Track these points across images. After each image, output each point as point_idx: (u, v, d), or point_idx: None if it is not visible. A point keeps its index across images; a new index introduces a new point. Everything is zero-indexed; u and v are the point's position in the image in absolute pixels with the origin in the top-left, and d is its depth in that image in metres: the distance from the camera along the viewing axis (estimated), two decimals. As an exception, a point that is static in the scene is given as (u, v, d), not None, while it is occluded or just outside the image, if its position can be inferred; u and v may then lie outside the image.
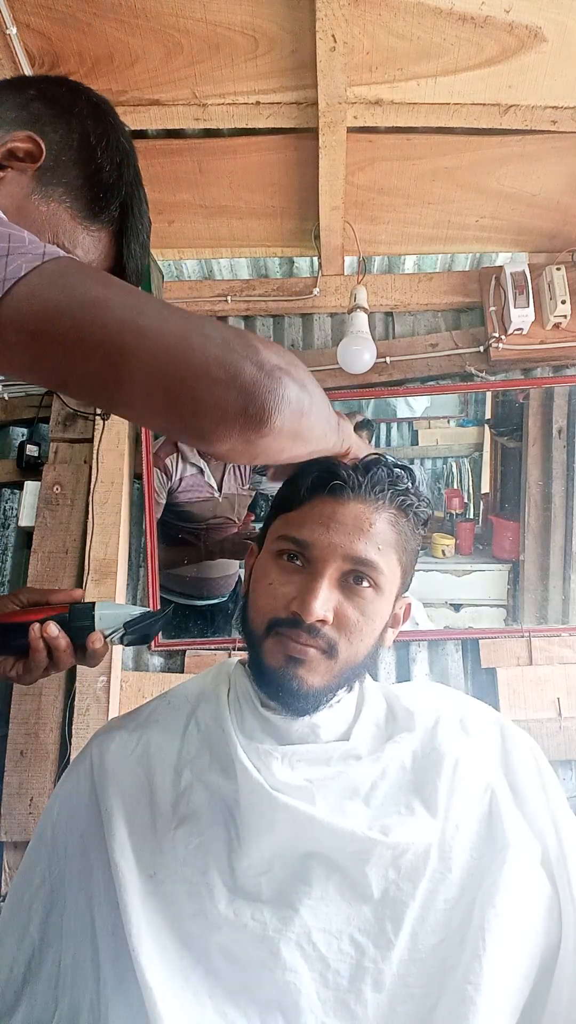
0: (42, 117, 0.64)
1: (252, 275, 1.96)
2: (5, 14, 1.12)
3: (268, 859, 0.67)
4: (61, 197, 0.64)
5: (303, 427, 0.52)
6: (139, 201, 0.70)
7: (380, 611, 0.70)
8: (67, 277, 0.46)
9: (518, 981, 0.63)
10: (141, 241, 0.71)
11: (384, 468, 0.69)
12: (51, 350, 0.46)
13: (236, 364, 0.46)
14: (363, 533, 0.67)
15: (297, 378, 0.50)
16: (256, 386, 0.46)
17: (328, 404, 0.59)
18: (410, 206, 1.64)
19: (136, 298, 0.47)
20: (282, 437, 0.50)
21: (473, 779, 0.71)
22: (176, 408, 0.47)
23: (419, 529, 0.73)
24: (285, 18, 1.14)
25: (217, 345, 0.46)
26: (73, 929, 0.72)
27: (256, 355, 0.47)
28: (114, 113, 0.70)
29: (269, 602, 0.69)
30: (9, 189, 0.62)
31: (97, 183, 0.66)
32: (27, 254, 0.46)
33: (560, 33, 1.16)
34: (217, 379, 0.45)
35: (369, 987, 0.63)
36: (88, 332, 0.45)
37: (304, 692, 0.67)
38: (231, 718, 0.73)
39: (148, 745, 0.76)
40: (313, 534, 0.67)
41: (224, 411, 0.46)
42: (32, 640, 0.66)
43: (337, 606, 0.67)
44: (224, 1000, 0.64)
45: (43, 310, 0.45)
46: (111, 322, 0.45)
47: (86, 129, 0.66)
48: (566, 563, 1.67)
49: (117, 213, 0.68)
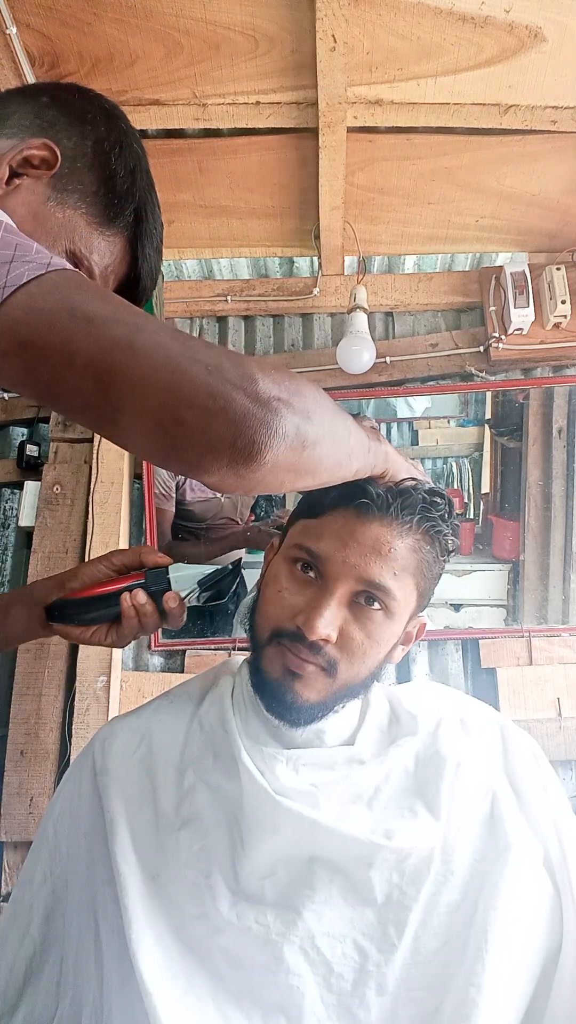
0: (56, 124, 0.65)
1: (252, 275, 1.96)
2: (5, 14, 1.12)
3: (271, 862, 0.67)
4: (76, 203, 0.64)
5: (304, 460, 0.49)
6: (152, 206, 0.71)
7: (388, 635, 0.68)
8: (65, 290, 0.45)
9: (520, 983, 0.63)
10: (155, 245, 0.72)
11: (419, 494, 0.66)
12: (42, 362, 0.45)
13: (227, 394, 0.44)
14: (380, 556, 0.65)
15: (300, 409, 0.47)
16: (247, 418, 0.44)
17: (350, 430, 0.56)
18: (410, 206, 1.64)
19: (133, 317, 0.45)
20: (278, 471, 0.47)
21: (475, 781, 0.70)
22: (163, 435, 0.45)
23: (443, 557, 0.70)
24: (285, 18, 1.14)
25: (209, 372, 0.44)
26: (75, 929, 0.72)
27: (251, 385, 0.45)
28: (126, 119, 0.70)
29: (276, 610, 0.68)
30: (25, 196, 0.62)
31: (112, 189, 0.66)
32: (31, 263, 0.45)
33: (560, 33, 1.16)
34: (205, 408, 0.43)
35: (372, 991, 0.63)
36: (79, 347, 0.44)
37: (298, 706, 0.66)
38: (235, 720, 0.73)
39: (151, 745, 0.76)
40: (329, 549, 0.65)
41: (211, 443, 0.44)
42: (124, 608, 0.70)
43: (343, 625, 0.66)
44: (227, 1003, 0.64)
45: (36, 320, 0.44)
46: (104, 339, 0.44)
47: (100, 135, 0.66)
48: (566, 563, 1.68)
49: (131, 218, 0.68)
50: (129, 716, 0.81)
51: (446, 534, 0.69)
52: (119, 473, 1.70)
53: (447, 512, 0.68)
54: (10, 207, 0.61)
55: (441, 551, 0.70)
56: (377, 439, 0.62)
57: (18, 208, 0.61)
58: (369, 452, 0.60)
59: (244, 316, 1.88)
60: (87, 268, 0.66)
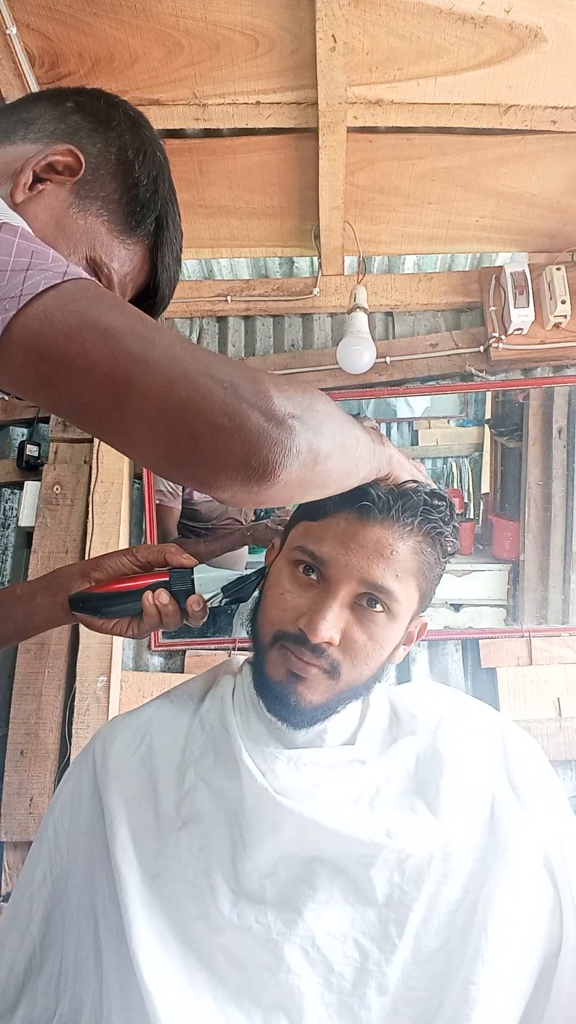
0: (80, 130, 0.65)
1: (252, 275, 1.96)
2: (5, 14, 1.12)
3: (272, 862, 0.67)
4: (99, 211, 0.64)
5: (316, 475, 0.49)
6: (174, 214, 0.71)
7: (390, 636, 0.68)
8: (82, 302, 0.45)
9: (520, 982, 0.63)
10: (175, 254, 0.72)
11: (420, 496, 0.66)
12: (57, 374, 0.44)
13: (242, 412, 0.43)
14: (383, 558, 0.65)
15: (313, 425, 0.47)
16: (261, 437, 0.44)
17: (358, 439, 0.56)
18: (410, 206, 1.64)
19: (150, 331, 0.45)
20: (290, 487, 0.47)
21: (475, 781, 0.70)
22: (177, 451, 0.45)
23: (444, 559, 0.71)
24: (285, 18, 1.14)
25: (225, 389, 0.44)
26: (75, 929, 0.72)
27: (266, 403, 0.44)
28: (150, 126, 0.70)
29: (278, 612, 0.68)
30: (48, 202, 0.62)
31: (134, 197, 0.66)
32: (48, 271, 0.45)
33: (560, 33, 1.16)
34: (220, 426, 0.43)
35: (373, 990, 0.63)
36: (95, 361, 0.43)
37: (301, 708, 0.67)
38: (236, 719, 0.73)
39: (151, 745, 0.76)
40: (332, 552, 0.65)
41: (225, 461, 0.44)
42: (146, 606, 0.72)
43: (346, 627, 0.66)
44: (227, 1003, 0.64)
45: (52, 332, 0.44)
46: (120, 353, 0.43)
47: (124, 143, 0.66)
48: (566, 563, 1.68)
49: (152, 227, 0.68)
50: (130, 715, 0.81)
51: (447, 536, 0.69)
52: (119, 473, 1.70)
53: (448, 514, 0.68)
54: (32, 213, 0.61)
55: (442, 553, 0.70)
56: (381, 442, 0.62)
57: (40, 214, 0.61)
58: (374, 456, 0.60)
59: (244, 316, 1.88)
60: (106, 276, 0.66)
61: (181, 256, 0.74)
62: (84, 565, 0.76)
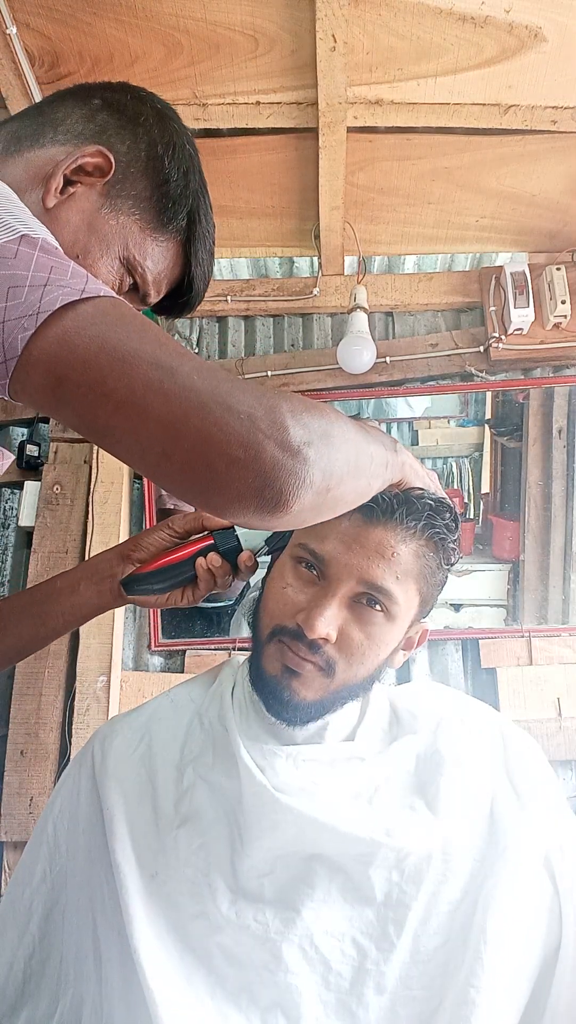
0: (108, 128, 0.64)
1: (252, 275, 1.96)
2: (5, 14, 1.11)
3: (271, 860, 0.67)
4: (130, 210, 0.64)
5: (328, 501, 0.50)
6: (206, 207, 0.70)
7: (388, 637, 0.68)
8: (101, 325, 0.44)
9: (520, 982, 0.63)
10: (208, 248, 0.72)
11: (425, 501, 0.66)
12: (75, 399, 0.44)
13: (258, 444, 0.43)
14: (383, 560, 0.65)
15: (327, 453, 0.47)
16: (276, 470, 0.44)
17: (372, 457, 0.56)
18: (410, 206, 1.64)
19: (168, 357, 0.45)
20: (303, 514, 0.48)
21: (475, 780, 0.70)
22: (192, 479, 0.45)
23: (446, 565, 0.71)
24: (285, 18, 1.14)
25: (241, 421, 0.44)
26: (74, 928, 0.72)
27: (283, 434, 0.44)
28: (178, 118, 0.69)
29: (278, 606, 0.68)
30: (79, 204, 0.62)
31: (165, 194, 0.66)
32: (66, 287, 0.44)
33: (560, 33, 1.16)
34: (236, 458, 0.43)
35: (371, 989, 0.63)
36: (112, 388, 0.43)
37: (295, 704, 0.67)
38: (235, 717, 0.73)
39: (151, 744, 0.76)
40: (333, 551, 0.66)
41: (240, 492, 0.44)
42: (200, 572, 0.73)
43: (343, 625, 0.66)
44: (225, 1001, 0.64)
45: (71, 357, 0.43)
46: (137, 382, 0.43)
47: (153, 139, 0.66)
48: (566, 563, 1.68)
49: (184, 222, 0.68)
50: (129, 714, 0.81)
51: (450, 543, 0.69)
52: (119, 473, 1.70)
53: (452, 523, 0.69)
54: (65, 217, 0.61)
55: (445, 559, 0.70)
56: (395, 450, 0.62)
57: (73, 217, 0.61)
58: (387, 469, 0.60)
59: (244, 316, 1.88)
60: (140, 275, 0.67)
61: (214, 250, 0.73)
62: (121, 548, 0.77)
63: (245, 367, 1.80)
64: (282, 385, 1.78)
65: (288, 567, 0.70)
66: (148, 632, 1.71)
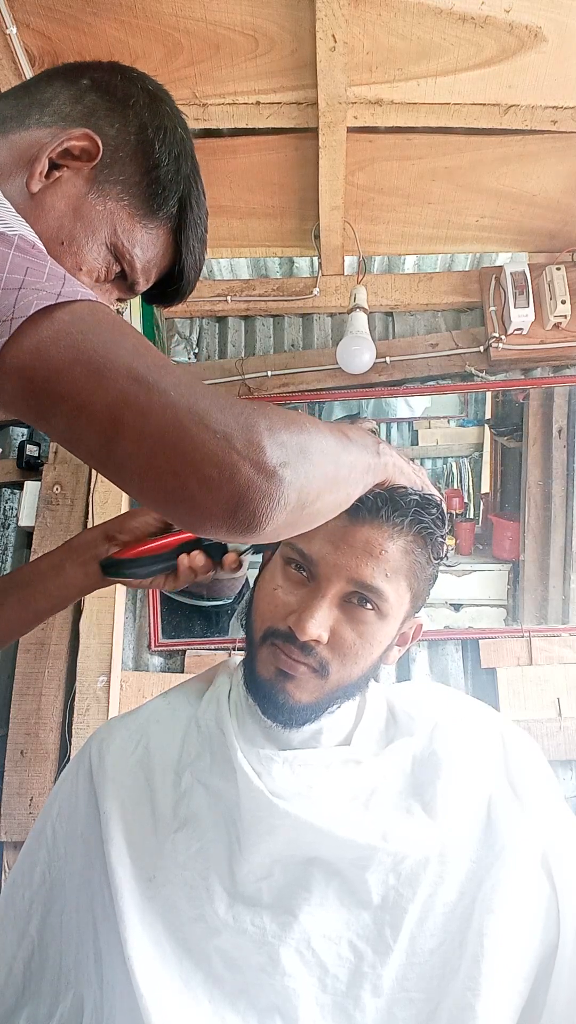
0: (97, 110, 0.62)
1: (252, 275, 1.96)
2: (5, 14, 1.11)
3: (268, 864, 0.67)
4: (119, 195, 0.62)
5: (304, 517, 0.49)
6: (198, 193, 0.67)
7: (381, 635, 0.68)
8: (76, 335, 0.43)
9: (517, 984, 0.63)
10: (200, 236, 0.69)
11: (410, 498, 0.66)
12: (50, 410, 0.43)
13: (233, 464, 0.42)
14: (372, 558, 0.65)
15: (304, 470, 0.46)
16: (250, 491, 0.43)
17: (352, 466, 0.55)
18: (410, 206, 1.63)
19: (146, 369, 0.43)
20: (276, 532, 0.47)
21: (472, 782, 0.70)
22: (165, 495, 0.44)
23: (435, 560, 0.70)
24: (285, 18, 1.14)
25: (217, 440, 0.42)
26: (74, 930, 0.72)
27: (258, 454, 0.43)
28: (171, 99, 0.66)
29: (269, 609, 0.68)
30: (65, 190, 0.60)
31: (155, 179, 0.63)
32: (41, 291, 0.43)
33: (560, 33, 1.16)
34: (209, 478, 0.42)
35: (368, 992, 0.63)
36: (87, 401, 0.42)
37: (290, 706, 0.67)
38: (231, 721, 0.73)
39: (148, 746, 0.76)
40: (321, 551, 0.65)
41: (213, 511, 0.44)
42: (181, 568, 0.73)
43: (335, 625, 0.66)
44: (223, 1004, 0.64)
45: (45, 368, 0.42)
46: (112, 397, 0.42)
47: (143, 122, 0.63)
48: (566, 563, 1.67)
49: (175, 209, 0.65)
50: (126, 717, 0.81)
51: (438, 537, 0.69)
52: (119, 473, 1.70)
53: (439, 518, 0.68)
54: (50, 202, 0.59)
55: (433, 554, 0.70)
56: (377, 453, 0.61)
57: (58, 203, 0.59)
58: (369, 472, 0.59)
59: (244, 316, 1.88)
60: (129, 263, 0.64)
61: (206, 236, 0.70)
62: (106, 527, 0.76)
63: (245, 367, 1.80)
64: (282, 385, 1.78)
65: (278, 568, 0.69)
66: (148, 632, 1.71)
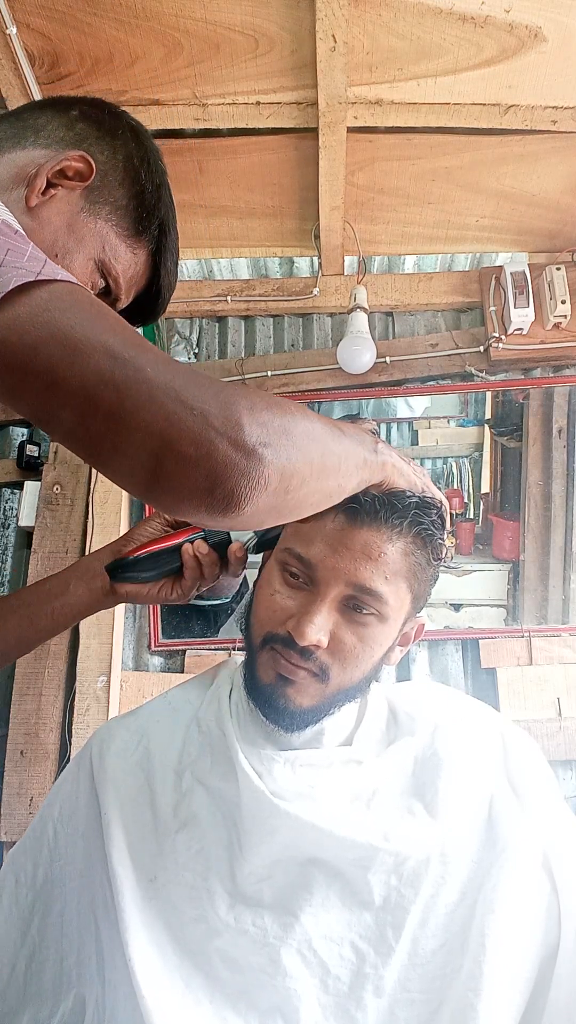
0: (88, 137, 0.67)
1: (252, 275, 1.96)
2: (5, 14, 1.11)
3: (269, 865, 0.67)
4: (108, 215, 0.67)
5: (288, 502, 0.48)
6: (174, 223, 0.74)
7: (381, 638, 0.68)
8: (54, 311, 0.43)
9: (519, 984, 0.63)
10: (174, 259, 0.75)
11: (410, 499, 0.65)
12: (24, 388, 0.43)
13: (210, 441, 0.42)
14: (371, 561, 0.64)
15: (286, 451, 0.45)
16: (227, 468, 0.42)
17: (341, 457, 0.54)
18: (410, 206, 1.64)
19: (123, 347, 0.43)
20: (259, 515, 0.46)
21: (473, 782, 0.70)
22: (142, 475, 0.44)
23: (435, 561, 0.70)
24: (285, 18, 1.14)
25: (194, 416, 0.42)
26: (75, 930, 0.72)
27: (236, 432, 0.43)
28: (150, 137, 0.73)
29: (268, 614, 0.68)
30: (59, 206, 0.64)
31: (141, 203, 0.69)
32: (21, 269, 0.43)
33: (560, 33, 1.16)
34: (186, 455, 0.42)
35: (370, 993, 0.63)
36: (61, 377, 0.42)
37: (291, 711, 0.66)
38: (232, 722, 0.73)
39: (149, 747, 0.76)
40: (319, 554, 0.65)
41: (189, 491, 0.43)
42: (186, 560, 0.72)
43: (335, 629, 0.65)
44: (224, 1006, 0.64)
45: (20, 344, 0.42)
46: (87, 373, 0.42)
47: (130, 151, 0.69)
48: (566, 563, 1.68)
49: (156, 232, 0.71)
50: (127, 717, 0.81)
51: (438, 538, 0.68)
52: (119, 473, 1.70)
53: (438, 518, 0.68)
54: (46, 216, 0.63)
55: (433, 555, 0.69)
56: (375, 450, 0.60)
57: (53, 218, 0.64)
58: (363, 468, 0.59)
59: (244, 316, 1.88)
60: (114, 278, 0.69)
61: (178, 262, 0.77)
62: (114, 545, 0.78)
63: (245, 367, 1.80)
64: (282, 385, 1.78)
65: (275, 572, 0.69)
66: (148, 632, 1.71)
